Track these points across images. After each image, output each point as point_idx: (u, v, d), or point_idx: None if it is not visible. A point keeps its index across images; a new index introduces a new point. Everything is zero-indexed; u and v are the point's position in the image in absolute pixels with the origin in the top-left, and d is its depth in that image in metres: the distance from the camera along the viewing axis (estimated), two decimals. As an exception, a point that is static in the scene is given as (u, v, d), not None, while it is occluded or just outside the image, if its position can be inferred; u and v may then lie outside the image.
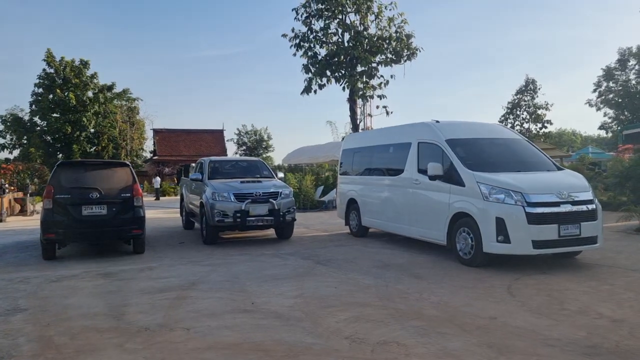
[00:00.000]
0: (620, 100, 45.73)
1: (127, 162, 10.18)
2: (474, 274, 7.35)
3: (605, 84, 49.88)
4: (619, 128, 43.95)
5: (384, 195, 10.40)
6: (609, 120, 51.13)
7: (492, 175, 7.75)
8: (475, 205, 7.65)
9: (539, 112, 36.82)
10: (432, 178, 8.52)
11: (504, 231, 7.27)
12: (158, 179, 35.55)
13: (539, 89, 37.24)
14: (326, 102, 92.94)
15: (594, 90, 49.71)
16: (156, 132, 50.12)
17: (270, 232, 12.30)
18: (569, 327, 4.88)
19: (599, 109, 50.38)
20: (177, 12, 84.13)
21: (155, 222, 16.90)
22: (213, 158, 12.93)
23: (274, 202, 10.72)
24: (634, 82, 44.72)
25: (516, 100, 37.40)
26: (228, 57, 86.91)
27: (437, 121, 9.33)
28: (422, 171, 9.05)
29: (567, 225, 7.26)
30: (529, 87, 37.12)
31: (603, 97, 49.34)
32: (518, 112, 37.47)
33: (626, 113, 47.51)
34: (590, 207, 7.53)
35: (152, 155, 50.63)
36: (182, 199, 14.87)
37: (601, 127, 53.82)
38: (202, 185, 11.67)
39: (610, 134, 54.59)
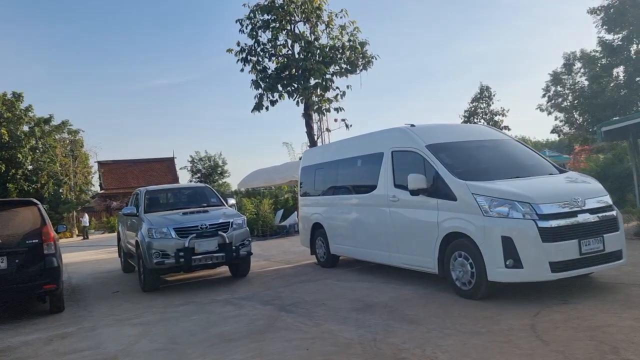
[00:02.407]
0: (570, 103, 46.32)
1: (34, 200, 8.18)
2: (480, 310, 5.78)
3: (553, 88, 50.78)
4: (573, 130, 44.35)
5: (355, 217, 8.79)
6: (561, 124, 51.90)
7: (489, 184, 6.27)
8: (473, 223, 6.13)
9: (496, 118, 36.44)
10: (414, 193, 6.98)
11: (513, 253, 5.76)
12: (86, 216, 33.15)
13: (494, 95, 36.97)
14: (282, 124, 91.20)
15: (543, 95, 50.40)
16: (101, 164, 47.12)
17: (224, 270, 10.45)
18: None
19: (549, 113, 51.05)
20: (121, 43, 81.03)
21: (91, 266, 14.72)
22: (150, 188, 11.01)
23: (225, 234, 8.93)
24: (585, 83, 45.35)
25: (472, 108, 36.94)
26: (177, 85, 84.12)
27: (413, 125, 7.85)
28: (400, 185, 7.51)
29: (589, 240, 5.84)
30: (484, 94, 36.76)
31: (552, 102, 50.09)
32: (475, 120, 36.96)
33: (576, 115, 48.27)
34: (611, 214, 6.15)
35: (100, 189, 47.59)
36: (119, 238, 12.81)
37: (553, 131, 54.64)
38: (138, 220, 9.76)
39: (562, 137, 55.58)
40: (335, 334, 5.38)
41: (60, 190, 41.76)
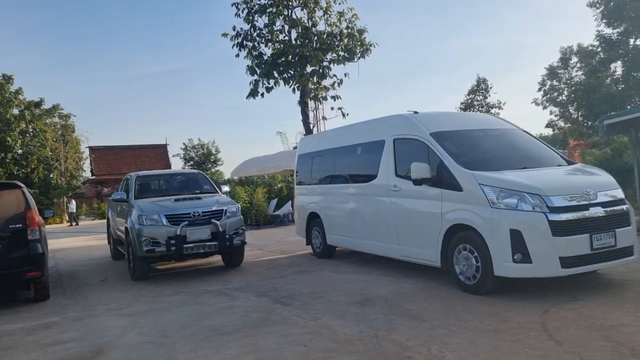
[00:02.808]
0: (566, 98, 46.22)
1: (19, 183, 7.81)
2: (486, 306, 5.52)
3: (549, 82, 50.63)
4: (568, 125, 44.29)
5: (353, 207, 8.49)
6: (556, 118, 51.84)
7: (497, 175, 5.98)
8: (480, 215, 5.85)
9: (492, 111, 36.22)
10: (417, 182, 6.69)
11: (521, 247, 5.49)
12: (73, 202, 32.72)
13: (491, 88, 36.74)
14: (276, 113, 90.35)
15: (539, 89, 50.27)
16: (92, 149, 46.47)
17: (216, 259, 10.14)
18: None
19: (545, 107, 50.96)
20: (118, 28, 79.70)
21: (79, 252, 14.36)
22: (141, 173, 10.64)
23: (218, 222, 8.60)
24: (582, 78, 45.24)
25: (469, 100, 36.70)
26: (171, 72, 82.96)
27: (416, 112, 7.54)
28: (402, 175, 7.22)
29: (601, 235, 5.58)
30: (480, 87, 36.52)
31: (548, 96, 49.97)
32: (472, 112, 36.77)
33: (571, 110, 48.17)
34: (623, 208, 5.90)
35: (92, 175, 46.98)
36: (108, 224, 12.45)
37: (548, 125, 54.57)
38: (128, 206, 9.41)
39: (556, 131, 55.52)
40: (334, 329, 5.11)
41: (51, 176, 41.18)
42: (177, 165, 53.82)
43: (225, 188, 10.51)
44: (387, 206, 7.47)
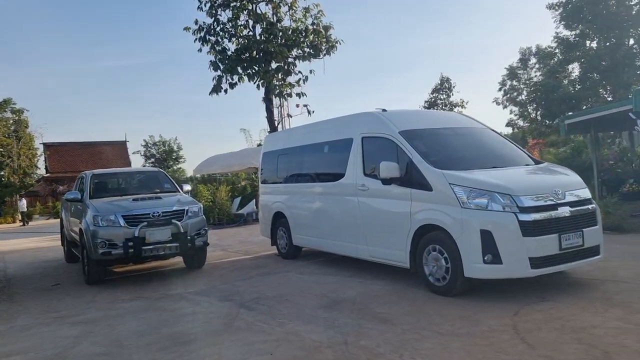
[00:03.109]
0: (526, 97, 47.42)
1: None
2: (455, 308, 5.41)
3: (509, 82, 51.87)
4: (527, 124, 45.40)
5: (320, 207, 8.29)
6: (515, 118, 53.14)
7: (467, 174, 5.88)
8: (450, 215, 5.74)
9: (456, 109, 36.74)
10: (386, 182, 6.54)
11: (492, 248, 5.40)
12: (23, 201, 31.45)
13: (454, 86, 37.25)
14: (240, 110, 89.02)
15: (500, 89, 51.42)
16: (47, 146, 44.65)
17: (178, 260, 9.75)
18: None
19: (505, 106, 52.17)
20: (76, 21, 76.81)
21: (31, 254, 13.66)
22: (97, 171, 10.14)
23: (179, 223, 8.25)
24: (541, 78, 46.51)
25: (433, 99, 37.11)
26: (132, 67, 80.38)
27: (384, 110, 7.39)
28: (370, 174, 7.06)
29: (569, 234, 5.55)
30: (444, 86, 36.98)
31: (508, 96, 51.17)
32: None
33: (530, 110, 49.47)
34: (591, 208, 5.90)
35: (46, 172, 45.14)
36: (62, 225, 11.84)
37: (508, 124, 55.90)
38: (83, 206, 8.92)
39: (516, 130, 56.98)
40: (301, 336, 4.89)
41: (2, 173, 39.34)
42: (137, 162, 52.38)
43: (187, 187, 10.13)
44: (355, 206, 7.30)
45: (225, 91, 18.95)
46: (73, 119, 77.93)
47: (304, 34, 19.07)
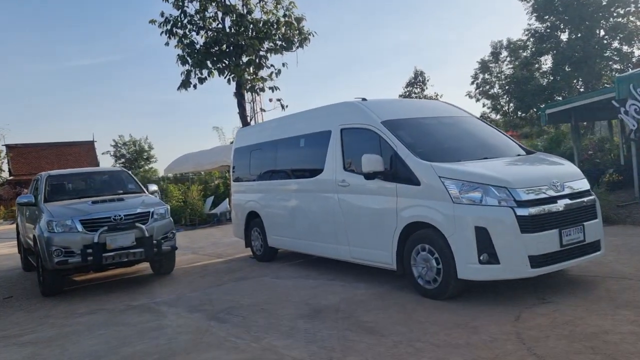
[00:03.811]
0: (499, 90, 47.72)
1: None
2: (450, 314, 4.90)
3: (481, 76, 52.16)
4: (499, 117, 45.58)
5: (297, 205, 7.70)
6: (488, 110, 53.49)
7: (458, 166, 5.39)
8: (440, 211, 5.23)
9: (430, 104, 36.58)
10: (369, 176, 5.99)
11: (488, 246, 4.91)
12: None
13: (428, 80, 37.03)
14: (212, 108, 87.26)
15: (472, 83, 51.66)
16: (10, 147, 42.83)
17: (144, 266, 9.04)
18: None
19: (477, 100, 52.46)
20: (39, 19, 73.93)
21: (-14, 263, 12.70)
22: (53, 172, 9.33)
23: (144, 227, 7.56)
24: (512, 71, 46.88)
25: (407, 93, 36.82)
26: (98, 66, 77.81)
27: (364, 99, 6.85)
28: (351, 169, 6.51)
29: (569, 229, 5.11)
30: (418, 80, 36.74)
31: (481, 89, 51.43)
32: (409, 105, 36.97)
33: (502, 102, 49.83)
34: (590, 200, 5.47)
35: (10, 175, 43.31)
36: (18, 231, 10.98)
37: (480, 117, 56.32)
38: (37, 210, 8.15)
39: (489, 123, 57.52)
40: (279, 353, 4.30)
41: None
42: (107, 163, 50.84)
43: (153, 187, 9.40)
44: (334, 203, 6.74)
45: (195, 86, 18.17)
46: (38, 120, 75.49)
47: (275, 26, 18.41)
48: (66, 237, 7.25)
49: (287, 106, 18.69)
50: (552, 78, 29.96)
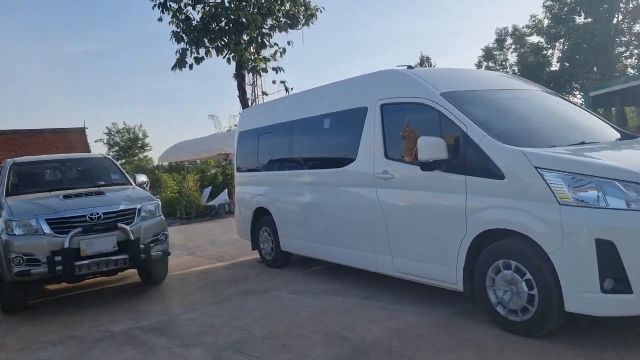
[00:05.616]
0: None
1: None
2: (558, 364, 3.43)
3: (485, 64, 50.76)
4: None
5: (319, 201, 6.18)
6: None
7: (563, 154, 3.89)
8: (539, 216, 3.73)
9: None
10: (427, 166, 4.48)
11: (615, 268, 3.43)
12: None
13: (434, 67, 35.46)
14: (209, 96, 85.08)
15: (476, 71, 50.43)
16: (-4, 134, 41.01)
17: (132, 272, 7.52)
18: None
19: (482, 88, 51.24)
20: (29, 6, 71.44)
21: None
22: (19, 159, 7.73)
23: (128, 227, 6.04)
24: (517, 57, 45.40)
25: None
26: (93, 53, 75.51)
27: (410, 67, 5.33)
28: (395, 157, 5.01)
29: None
30: (424, 66, 35.18)
31: (485, 77, 50.15)
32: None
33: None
34: None
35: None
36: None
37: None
38: (-2, 206, 6.60)
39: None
40: None
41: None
42: (100, 151, 49.12)
43: (142, 178, 7.85)
44: (372, 201, 5.23)
45: (191, 67, 16.60)
46: (28, 107, 73.33)
47: (279, 2, 16.82)
48: (29, 242, 5.73)
49: (292, 89, 17.14)
50: (567, 64, 28.53)
